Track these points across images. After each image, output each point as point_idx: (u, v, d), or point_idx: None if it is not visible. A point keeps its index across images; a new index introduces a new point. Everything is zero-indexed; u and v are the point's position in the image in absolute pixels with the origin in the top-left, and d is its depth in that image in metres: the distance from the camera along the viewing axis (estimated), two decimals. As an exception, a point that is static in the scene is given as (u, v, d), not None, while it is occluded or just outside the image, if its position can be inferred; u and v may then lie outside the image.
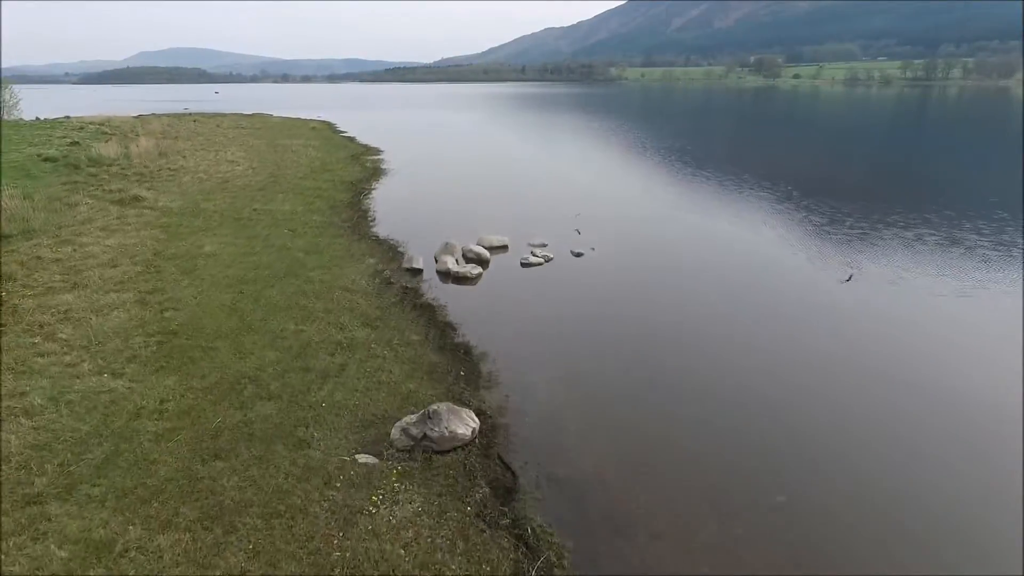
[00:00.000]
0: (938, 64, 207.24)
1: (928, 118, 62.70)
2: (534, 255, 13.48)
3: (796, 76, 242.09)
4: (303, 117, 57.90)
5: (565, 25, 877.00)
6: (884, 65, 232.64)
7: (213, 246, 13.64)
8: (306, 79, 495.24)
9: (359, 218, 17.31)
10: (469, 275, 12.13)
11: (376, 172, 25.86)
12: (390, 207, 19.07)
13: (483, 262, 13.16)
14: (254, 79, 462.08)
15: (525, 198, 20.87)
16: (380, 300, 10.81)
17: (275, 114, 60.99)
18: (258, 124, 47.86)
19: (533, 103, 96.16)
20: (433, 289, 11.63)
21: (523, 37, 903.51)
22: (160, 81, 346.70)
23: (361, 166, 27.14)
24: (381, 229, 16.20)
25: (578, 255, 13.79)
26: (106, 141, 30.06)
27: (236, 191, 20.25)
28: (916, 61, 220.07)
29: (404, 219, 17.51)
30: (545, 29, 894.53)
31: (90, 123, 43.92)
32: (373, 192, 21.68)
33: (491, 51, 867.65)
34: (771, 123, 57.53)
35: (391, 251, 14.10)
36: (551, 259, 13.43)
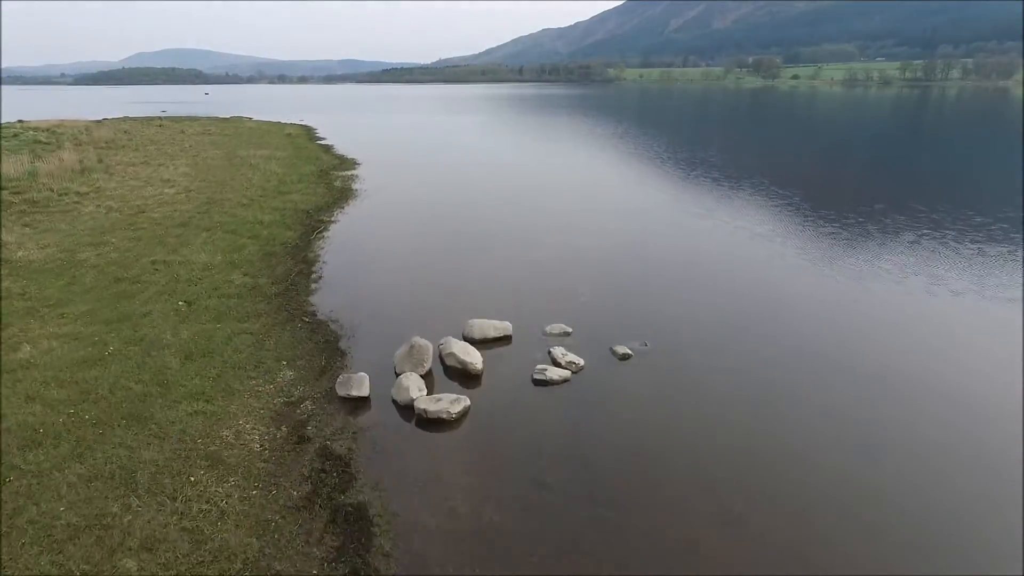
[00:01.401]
0: (937, 65, 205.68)
1: (936, 118, 57.77)
2: (554, 360, 8.36)
3: (795, 77, 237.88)
4: (283, 121, 52.76)
5: (562, 26, 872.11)
6: (883, 66, 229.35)
7: (40, 344, 8.51)
8: (303, 80, 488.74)
9: (298, 275, 12.15)
10: (445, 416, 7.01)
11: (344, 195, 20.71)
12: (346, 257, 13.82)
13: (471, 377, 8.05)
14: (251, 80, 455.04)
15: (532, 238, 15.64)
16: (271, 496, 5.69)
17: (254, 117, 55.82)
18: (229, 130, 42.68)
19: (532, 105, 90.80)
20: (380, 455, 6.45)
21: (520, 38, 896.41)
22: (156, 82, 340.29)
23: (327, 186, 22.00)
24: (323, 298, 11.03)
25: (624, 357, 8.65)
26: (19, 153, 24.91)
27: (146, 228, 15.13)
28: (915, 62, 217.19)
29: (362, 278, 12.35)
30: (542, 30, 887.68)
31: (35, 128, 38.66)
32: (332, 226, 16.54)
33: (488, 52, 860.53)
34: (785, 126, 52.42)
35: (327, 348, 8.93)
36: (580, 368, 8.27)
